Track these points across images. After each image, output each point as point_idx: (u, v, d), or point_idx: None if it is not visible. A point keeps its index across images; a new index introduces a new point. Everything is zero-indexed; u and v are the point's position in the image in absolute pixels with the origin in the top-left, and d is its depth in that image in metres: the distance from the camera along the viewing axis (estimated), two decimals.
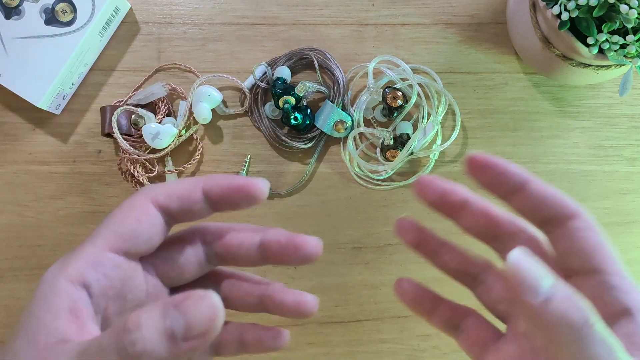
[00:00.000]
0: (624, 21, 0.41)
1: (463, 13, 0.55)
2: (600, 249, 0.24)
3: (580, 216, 0.24)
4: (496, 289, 0.28)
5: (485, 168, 0.25)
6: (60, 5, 0.51)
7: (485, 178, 0.25)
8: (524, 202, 0.25)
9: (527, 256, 0.21)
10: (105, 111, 0.53)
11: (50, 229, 0.54)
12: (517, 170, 0.24)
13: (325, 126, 0.53)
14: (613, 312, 0.23)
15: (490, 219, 0.26)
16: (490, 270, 0.28)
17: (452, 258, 0.28)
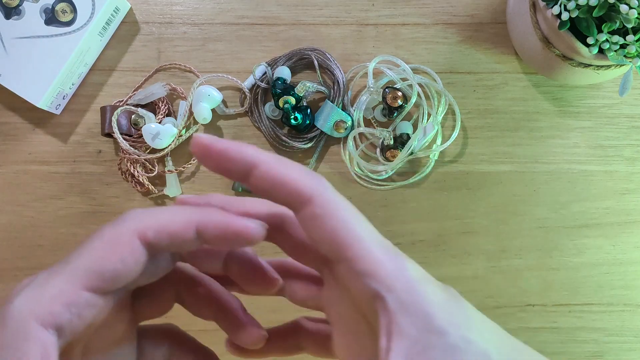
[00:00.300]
0: (624, 21, 0.41)
1: (463, 13, 0.55)
2: (339, 236, 0.21)
3: (313, 200, 0.21)
4: (297, 290, 0.28)
5: (207, 154, 0.22)
6: (60, 5, 0.51)
7: (210, 164, 0.22)
8: (256, 188, 0.22)
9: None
10: (105, 111, 0.53)
11: (50, 229, 0.54)
12: (242, 154, 0.22)
13: (325, 126, 0.53)
14: (368, 299, 0.21)
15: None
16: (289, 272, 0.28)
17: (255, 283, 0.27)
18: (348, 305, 0.24)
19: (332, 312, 0.26)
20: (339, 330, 0.26)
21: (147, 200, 0.54)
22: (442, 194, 0.54)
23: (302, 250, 0.25)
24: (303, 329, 0.28)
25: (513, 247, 0.54)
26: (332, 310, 0.26)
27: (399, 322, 0.20)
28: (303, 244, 0.25)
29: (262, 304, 0.54)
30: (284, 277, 0.27)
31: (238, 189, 0.53)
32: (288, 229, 0.25)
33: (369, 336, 0.23)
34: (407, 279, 0.21)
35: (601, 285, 0.54)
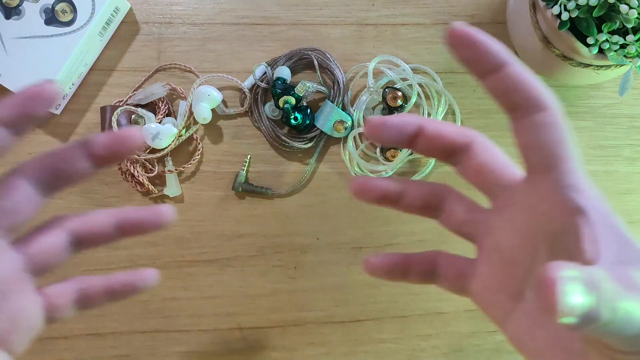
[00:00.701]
0: (624, 21, 0.41)
1: (463, 13, 0.55)
2: (559, 147, 0.23)
3: (548, 110, 0.23)
4: (457, 212, 0.28)
5: (465, 43, 0.24)
6: (60, 5, 0.51)
7: (464, 53, 0.24)
8: (497, 84, 0.24)
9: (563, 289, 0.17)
10: (105, 111, 0.53)
11: None
12: (497, 50, 0.24)
13: (325, 126, 0.53)
14: (568, 210, 0.23)
15: (444, 138, 0.26)
16: (449, 196, 0.28)
17: (413, 198, 0.28)
18: (510, 231, 0.25)
19: (488, 239, 0.27)
20: (487, 259, 0.27)
21: (147, 200, 0.54)
22: None
23: (480, 171, 0.26)
24: (442, 257, 0.29)
25: None
26: (489, 237, 0.27)
27: (602, 234, 0.22)
28: (482, 165, 0.26)
29: (262, 304, 0.54)
30: (441, 201, 0.28)
31: (238, 189, 0.53)
32: (473, 150, 0.26)
33: (522, 266, 0.25)
34: (605, 206, 0.23)
35: None
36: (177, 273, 0.54)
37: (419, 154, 0.27)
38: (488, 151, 0.26)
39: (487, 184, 0.26)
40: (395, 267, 0.29)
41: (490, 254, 0.26)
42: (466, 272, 0.28)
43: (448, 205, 0.28)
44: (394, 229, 0.54)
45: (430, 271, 0.29)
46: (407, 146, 0.26)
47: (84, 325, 0.54)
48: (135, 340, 0.54)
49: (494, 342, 0.54)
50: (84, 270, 0.54)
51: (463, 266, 0.28)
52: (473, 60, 0.24)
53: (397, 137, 0.26)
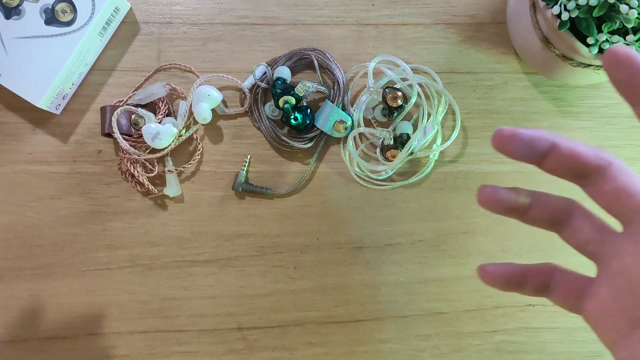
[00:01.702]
0: (624, 21, 0.41)
1: (463, 13, 0.55)
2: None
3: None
4: (584, 230, 0.27)
5: (624, 64, 0.23)
6: (60, 5, 0.51)
7: (620, 75, 0.23)
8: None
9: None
10: (105, 111, 0.53)
11: (50, 229, 0.54)
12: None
13: (325, 126, 0.53)
14: None
15: (577, 158, 0.25)
16: (576, 212, 0.28)
17: (540, 211, 0.27)
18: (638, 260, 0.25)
19: (614, 262, 0.26)
20: (610, 282, 0.26)
21: (147, 200, 0.54)
22: (442, 194, 0.54)
23: (616, 196, 0.26)
24: (558, 272, 0.28)
25: (513, 247, 0.54)
26: (615, 260, 0.26)
27: None
28: (619, 190, 0.25)
29: (262, 304, 0.54)
30: (568, 216, 0.28)
31: (238, 189, 0.53)
32: (610, 173, 0.25)
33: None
34: None
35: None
36: (177, 273, 0.54)
37: (547, 172, 0.27)
38: (625, 175, 0.25)
39: (622, 210, 0.26)
40: (512, 278, 0.28)
41: (615, 277, 0.26)
42: (583, 290, 0.27)
43: (575, 221, 0.27)
44: (394, 229, 0.54)
45: (545, 285, 0.28)
46: (536, 163, 0.26)
47: (84, 325, 0.54)
48: (135, 340, 0.54)
49: (494, 342, 0.54)
50: (84, 270, 0.54)
51: (580, 284, 0.28)
52: (629, 84, 0.23)
53: (527, 152, 0.25)
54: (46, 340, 0.53)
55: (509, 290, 0.29)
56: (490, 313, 0.54)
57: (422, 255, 0.54)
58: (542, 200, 0.28)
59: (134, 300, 0.54)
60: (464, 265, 0.54)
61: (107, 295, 0.54)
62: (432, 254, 0.54)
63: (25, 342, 0.53)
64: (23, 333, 0.54)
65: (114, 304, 0.54)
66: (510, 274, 0.28)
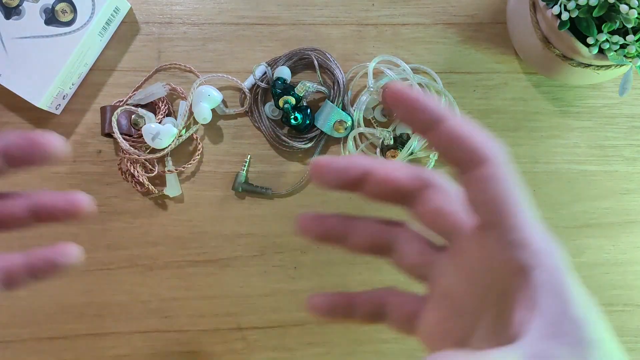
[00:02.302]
0: (624, 21, 0.41)
1: (463, 13, 0.55)
2: (502, 201, 0.21)
3: (489, 162, 0.22)
4: (409, 254, 0.27)
5: (400, 101, 0.23)
6: (60, 5, 0.51)
7: (401, 112, 0.23)
8: (437, 140, 0.23)
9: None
10: (105, 111, 0.53)
11: (50, 229, 0.54)
12: (431, 106, 0.22)
13: (325, 126, 0.53)
14: (510, 270, 0.21)
15: (393, 182, 0.25)
16: (401, 236, 0.27)
17: (362, 236, 0.27)
18: (463, 279, 0.24)
19: (439, 282, 0.26)
20: (437, 303, 0.26)
21: (147, 200, 0.54)
22: None
23: (435, 216, 0.25)
24: (393, 295, 0.28)
25: None
26: (440, 280, 0.26)
27: (540, 300, 0.20)
28: (437, 211, 0.25)
29: (262, 304, 0.54)
30: (392, 241, 0.27)
31: (238, 189, 0.53)
32: (427, 194, 0.25)
33: (471, 316, 0.23)
34: (555, 261, 0.21)
35: (601, 285, 0.54)
36: (177, 273, 0.54)
37: (368, 199, 0.26)
38: (443, 195, 0.25)
39: (443, 229, 0.25)
40: (337, 307, 0.28)
41: (440, 298, 0.25)
42: (416, 313, 0.27)
43: (400, 247, 0.27)
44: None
45: (377, 312, 0.28)
46: (354, 190, 0.25)
47: (84, 325, 0.54)
48: (135, 340, 0.54)
49: None
50: (84, 271, 0.54)
51: (413, 307, 0.27)
52: (411, 119, 0.23)
53: (339, 181, 0.24)
54: (46, 340, 0.53)
55: (337, 320, 0.28)
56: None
57: None
58: (363, 225, 0.27)
59: (134, 300, 0.54)
60: None
61: (107, 295, 0.54)
62: None
63: (25, 342, 0.53)
64: (23, 333, 0.54)
65: (114, 304, 0.54)
66: (334, 304, 0.28)
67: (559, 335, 0.19)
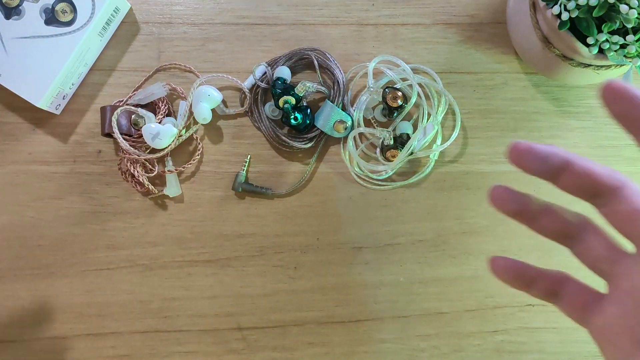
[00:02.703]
0: (624, 21, 0.41)
1: (463, 13, 0.55)
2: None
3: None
4: (596, 247, 0.27)
5: (621, 98, 0.23)
6: (60, 5, 0.51)
7: (619, 109, 0.23)
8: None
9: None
10: (105, 111, 0.53)
11: (50, 229, 0.54)
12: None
13: (325, 126, 0.53)
14: None
15: (591, 177, 0.25)
16: (589, 228, 0.28)
17: (551, 221, 0.27)
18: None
19: (625, 282, 0.26)
20: (620, 301, 0.26)
21: (147, 200, 0.54)
22: (442, 194, 0.54)
23: (629, 217, 0.25)
24: (570, 282, 0.29)
25: (513, 247, 0.54)
26: (626, 280, 0.26)
27: None
28: (633, 212, 0.25)
29: (262, 304, 0.54)
30: (580, 232, 0.28)
31: (238, 189, 0.53)
32: (624, 194, 0.25)
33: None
34: None
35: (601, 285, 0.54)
36: (177, 273, 0.54)
37: (562, 190, 0.27)
38: (639, 198, 0.25)
39: (634, 232, 0.25)
40: (522, 276, 0.29)
41: (624, 296, 0.26)
42: (591, 305, 0.28)
43: (587, 238, 0.27)
44: (394, 229, 0.54)
45: (554, 291, 0.29)
46: (550, 179, 0.26)
47: (84, 325, 0.54)
48: (135, 340, 0.54)
49: (494, 342, 0.54)
50: (84, 271, 0.54)
51: (589, 298, 0.28)
52: (628, 117, 0.23)
53: (541, 168, 0.25)
54: (46, 340, 0.53)
55: (517, 287, 0.29)
56: (491, 313, 0.54)
57: (422, 255, 0.54)
58: (554, 211, 0.28)
59: (134, 300, 0.54)
60: (464, 265, 0.54)
61: (107, 295, 0.54)
62: (432, 254, 0.54)
63: (25, 342, 0.54)
64: (23, 333, 0.54)
65: (114, 304, 0.54)
66: (521, 272, 0.28)
67: None
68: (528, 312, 0.54)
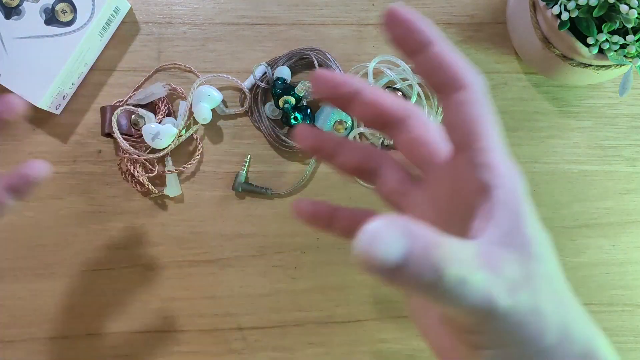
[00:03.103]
0: (624, 21, 0.41)
1: (463, 13, 0.55)
2: (476, 124, 0.23)
3: (467, 88, 0.23)
4: (390, 181, 0.28)
5: (398, 22, 0.24)
6: (60, 5, 0.51)
7: (395, 32, 0.24)
8: (423, 63, 0.24)
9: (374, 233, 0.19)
10: (105, 111, 0.53)
11: (51, 229, 0.54)
12: (424, 29, 0.23)
13: (325, 126, 0.53)
14: (474, 189, 0.23)
15: (381, 107, 0.26)
16: (387, 162, 0.28)
17: (350, 156, 0.28)
18: (432, 209, 0.26)
19: (410, 213, 0.27)
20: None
21: (147, 200, 0.54)
22: None
23: (414, 145, 0.27)
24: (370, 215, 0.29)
25: None
26: (411, 211, 0.27)
27: (497, 214, 0.22)
28: (416, 139, 0.27)
29: (262, 304, 0.54)
30: (377, 166, 0.28)
31: (238, 189, 0.53)
32: (409, 123, 0.26)
33: None
34: (515, 185, 0.23)
35: (601, 285, 0.54)
36: (177, 273, 0.54)
37: (355, 118, 0.28)
38: (423, 126, 0.26)
39: (420, 159, 0.27)
40: (319, 214, 0.29)
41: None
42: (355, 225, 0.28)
43: (384, 172, 0.28)
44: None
45: (353, 230, 0.28)
46: (344, 107, 0.26)
47: (84, 325, 0.54)
48: (135, 340, 0.54)
49: None
50: (84, 271, 0.54)
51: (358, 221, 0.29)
52: (402, 39, 0.24)
53: (333, 93, 0.26)
54: (46, 340, 0.53)
55: (317, 227, 0.30)
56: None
57: None
58: (352, 145, 0.28)
59: (134, 300, 0.54)
60: None
61: (108, 295, 0.54)
62: None
63: (25, 342, 0.53)
64: (23, 333, 0.54)
65: (113, 304, 0.54)
66: (318, 212, 0.29)
67: (509, 245, 0.21)
68: None
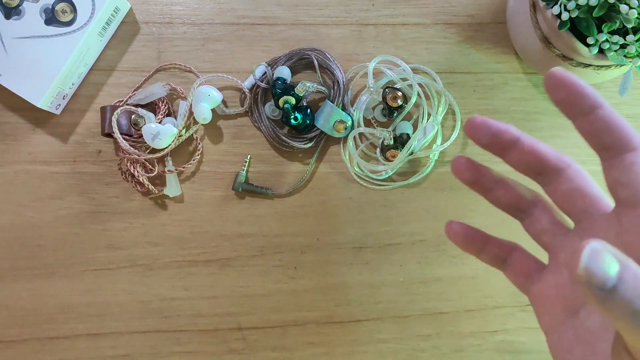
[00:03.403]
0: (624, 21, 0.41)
1: (463, 13, 0.55)
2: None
3: (637, 150, 0.25)
4: (541, 221, 0.29)
5: (561, 85, 0.25)
6: (60, 5, 0.51)
7: (559, 95, 0.25)
8: (589, 126, 0.25)
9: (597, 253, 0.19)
10: (105, 111, 0.53)
11: (50, 229, 0.54)
12: (591, 93, 0.25)
13: (325, 126, 0.53)
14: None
15: (538, 155, 0.27)
16: (539, 204, 0.29)
17: (505, 194, 0.30)
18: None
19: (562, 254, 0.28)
20: (557, 271, 0.28)
21: (147, 200, 0.54)
22: (442, 194, 0.54)
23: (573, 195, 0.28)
24: (518, 251, 0.31)
25: None
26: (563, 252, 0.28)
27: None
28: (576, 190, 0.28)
29: (262, 304, 0.54)
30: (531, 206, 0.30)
31: (238, 189, 0.53)
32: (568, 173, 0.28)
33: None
34: None
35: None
36: (177, 273, 0.54)
37: (510, 165, 0.29)
38: (581, 178, 0.28)
39: (574, 209, 0.28)
40: (473, 239, 0.31)
41: (560, 267, 0.28)
42: (534, 274, 0.29)
43: (535, 212, 0.29)
44: (394, 229, 0.54)
45: (502, 258, 0.30)
46: (500, 154, 0.27)
47: (84, 325, 0.54)
48: (135, 340, 0.54)
49: (494, 342, 0.54)
50: (84, 270, 0.54)
51: (533, 267, 0.29)
52: (567, 103, 0.25)
53: (492, 141, 0.27)
54: (46, 340, 0.53)
55: (468, 251, 0.31)
56: (491, 313, 0.54)
57: (422, 255, 0.54)
58: (508, 184, 0.30)
59: (134, 300, 0.54)
60: (464, 265, 0.54)
61: (107, 295, 0.54)
62: (432, 254, 0.54)
63: (25, 342, 0.54)
64: (23, 333, 0.54)
65: (114, 304, 0.54)
66: (473, 237, 0.31)
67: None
68: (528, 312, 0.54)
